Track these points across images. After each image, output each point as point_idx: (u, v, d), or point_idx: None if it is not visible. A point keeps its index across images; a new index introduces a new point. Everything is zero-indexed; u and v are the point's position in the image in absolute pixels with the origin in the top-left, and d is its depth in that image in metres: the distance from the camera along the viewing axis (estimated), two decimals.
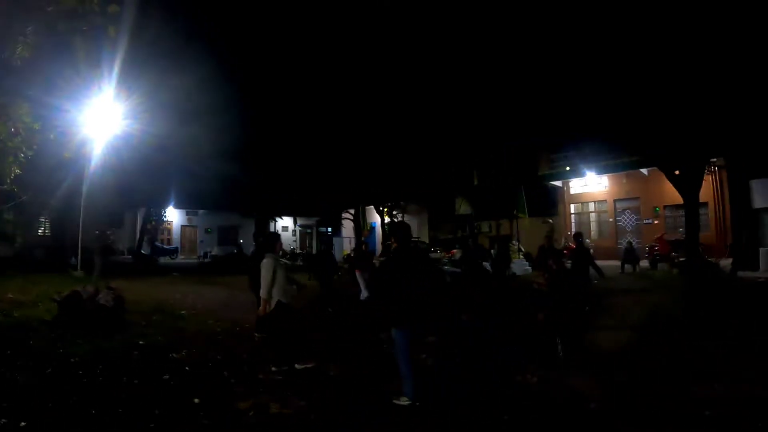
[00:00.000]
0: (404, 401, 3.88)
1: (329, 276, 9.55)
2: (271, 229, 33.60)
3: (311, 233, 37.04)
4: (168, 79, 15.03)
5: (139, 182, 18.66)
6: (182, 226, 27.49)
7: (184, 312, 8.61)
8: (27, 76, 6.83)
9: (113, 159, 13.15)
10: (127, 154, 13.88)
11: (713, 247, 15.21)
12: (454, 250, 18.58)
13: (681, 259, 13.53)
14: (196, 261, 25.29)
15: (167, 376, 4.70)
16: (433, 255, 19.06)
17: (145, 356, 5.38)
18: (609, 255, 16.82)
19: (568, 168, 19.88)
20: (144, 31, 11.60)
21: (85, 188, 11.25)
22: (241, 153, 24.94)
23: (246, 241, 29.89)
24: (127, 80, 11.86)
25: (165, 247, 24.81)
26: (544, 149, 20.66)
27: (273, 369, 4.93)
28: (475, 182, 23.08)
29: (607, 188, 19.74)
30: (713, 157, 14.48)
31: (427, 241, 23.75)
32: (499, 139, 19.76)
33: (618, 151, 17.30)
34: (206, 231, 28.55)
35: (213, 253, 26.02)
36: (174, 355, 5.57)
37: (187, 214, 28.28)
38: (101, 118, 11.51)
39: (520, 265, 15.03)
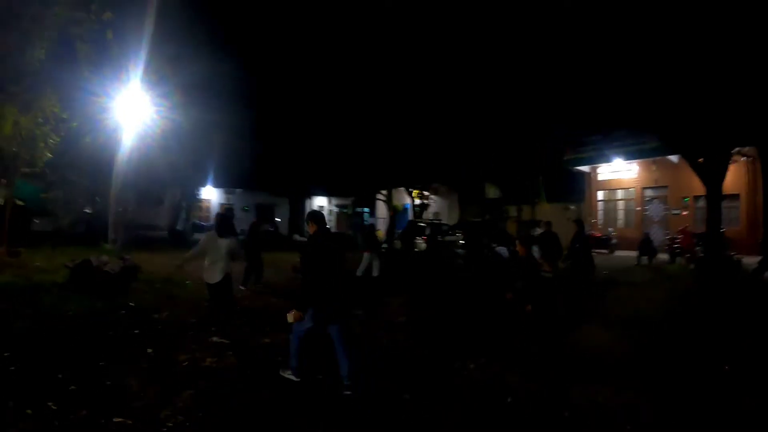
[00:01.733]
0: (289, 375, 4.24)
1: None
2: (307, 209, 35.07)
3: (350, 213, 37.93)
4: (201, 62, 16.05)
5: (176, 162, 20.05)
6: (220, 204, 29.12)
7: (189, 282, 9.50)
8: (50, 74, 7.82)
9: (148, 141, 14.36)
10: (160, 136, 15.08)
11: (743, 243, 14.49)
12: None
13: (702, 255, 13.08)
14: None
15: (137, 331, 5.52)
16: (450, 237, 19.38)
17: (130, 315, 6.26)
18: (633, 246, 16.40)
19: (592, 153, 19.32)
20: (171, 19, 12.51)
21: (116, 169, 12.41)
22: (277, 133, 26.15)
23: (283, 219, 31.48)
24: (160, 66, 12.91)
25: (203, 224, 26.48)
26: (568, 134, 20.13)
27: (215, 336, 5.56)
28: (491, 164, 22.85)
29: (636, 175, 19.06)
30: (739, 146, 13.70)
31: (448, 224, 23.88)
32: (523, 124, 19.50)
33: (642, 136, 16.68)
34: (243, 209, 30.06)
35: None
36: (155, 315, 6.44)
37: (225, 192, 29.91)
38: (132, 104, 12.48)
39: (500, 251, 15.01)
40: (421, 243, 19.89)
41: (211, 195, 29.46)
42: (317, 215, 4.40)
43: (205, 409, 3.60)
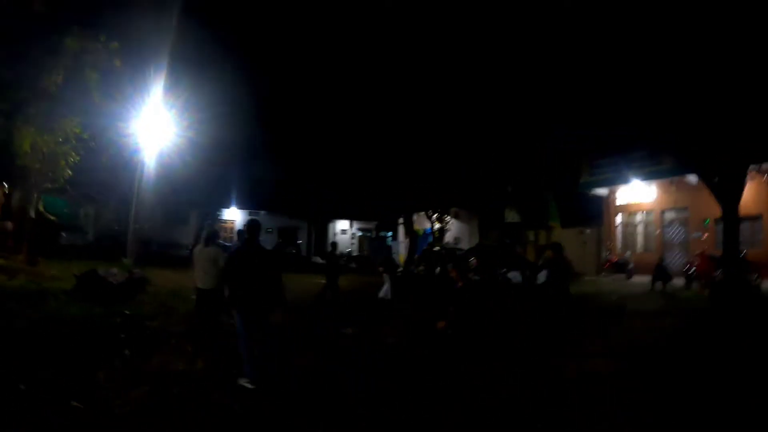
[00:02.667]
0: (245, 383, 4.41)
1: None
2: (329, 232, 35.76)
3: (371, 237, 38.35)
4: (226, 85, 16.97)
5: (198, 183, 21.01)
6: (247, 220, 30.04)
7: (194, 297, 9.92)
8: (68, 98, 8.56)
9: (171, 161, 15.18)
10: (182, 158, 15.91)
11: (767, 265, 13.84)
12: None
13: (720, 279, 12.59)
14: None
15: (123, 335, 5.86)
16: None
17: (124, 321, 6.62)
18: (652, 271, 15.89)
19: (608, 176, 19.00)
20: (192, 41, 13.34)
21: (136, 187, 13.14)
22: (300, 157, 27.11)
23: (304, 241, 32.25)
24: (184, 89, 13.73)
25: (226, 244, 27.36)
26: (582, 156, 19.94)
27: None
28: (509, 189, 22.83)
29: (655, 197, 18.57)
30: (755, 163, 13.25)
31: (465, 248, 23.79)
32: (535, 143, 19.54)
33: (657, 156, 16.38)
34: (266, 231, 30.87)
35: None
36: (148, 323, 6.78)
37: (249, 214, 30.82)
38: (153, 126, 13.17)
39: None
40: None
41: (235, 216, 30.43)
42: (251, 226, 4.85)
43: (156, 402, 3.85)
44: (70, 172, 9.96)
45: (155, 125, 13.06)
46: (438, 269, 16.71)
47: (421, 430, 3.70)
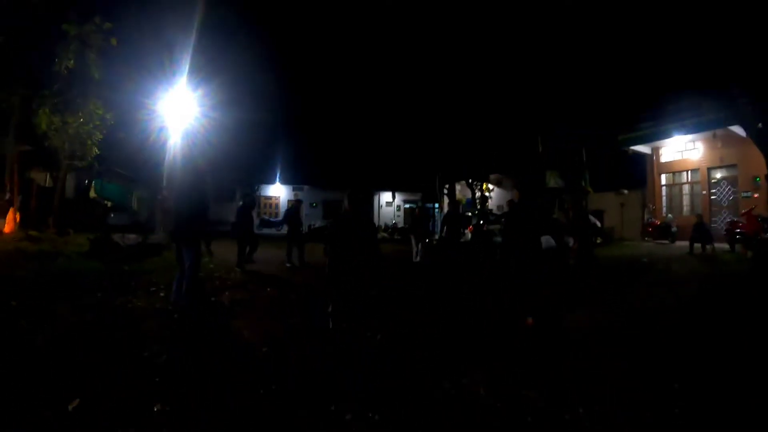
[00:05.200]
0: None
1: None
2: (375, 205, 36.48)
3: (415, 208, 38.60)
4: (260, 64, 17.64)
5: (242, 162, 22.33)
6: (288, 200, 31.42)
7: (208, 259, 10.77)
8: (80, 79, 9.60)
9: (212, 140, 16.23)
10: (222, 138, 16.96)
11: None
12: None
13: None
14: None
15: (107, 283, 6.73)
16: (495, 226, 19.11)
17: (121, 275, 7.54)
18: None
19: (648, 131, 17.56)
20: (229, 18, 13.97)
21: (167, 165, 14.29)
22: (343, 131, 27.87)
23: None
24: (217, 69, 14.51)
25: (271, 219, 28.78)
26: (619, 111, 18.51)
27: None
28: (540, 149, 21.78)
29: (700, 155, 17.01)
30: None
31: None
32: (570, 100, 18.46)
33: (699, 108, 14.94)
34: (311, 205, 32.03)
35: (316, 226, 29.32)
36: (143, 277, 7.64)
37: (293, 189, 32.12)
38: (188, 106, 13.91)
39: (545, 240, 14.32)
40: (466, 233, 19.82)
41: (279, 192, 31.84)
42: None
43: (108, 331, 4.55)
44: (97, 150, 11.14)
45: (190, 105, 13.80)
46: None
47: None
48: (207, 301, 6.17)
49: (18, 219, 10.96)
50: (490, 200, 29.62)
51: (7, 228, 10.59)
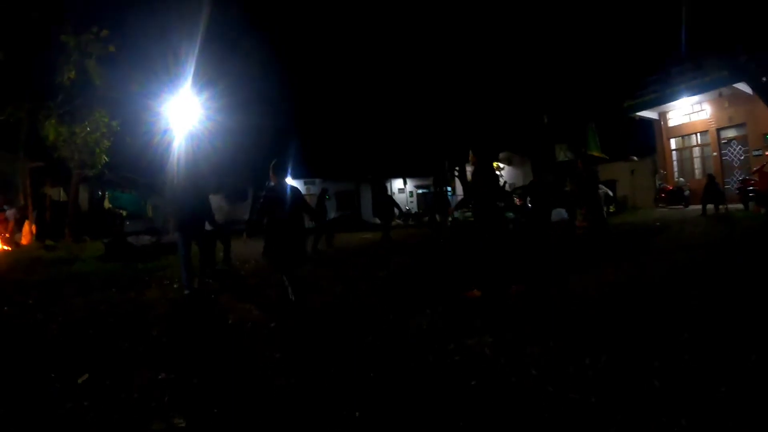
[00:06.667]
0: (185, 292, 5.51)
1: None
2: (388, 191, 36.54)
3: (430, 192, 38.65)
4: (266, 62, 17.70)
5: (252, 160, 22.52)
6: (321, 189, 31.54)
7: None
8: (81, 90, 9.77)
9: (217, 141, 16.37)
10: (230, 138, 17.08)
11: None
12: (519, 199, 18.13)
13: None
14: (312, 225, 29.05)
15: (117, 279, 6.92)
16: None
17: (135, 273, 7.73)
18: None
19: (653, 96, 17.28)
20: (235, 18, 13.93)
21: (174, 165, 14.42)
22: (353, 123, 28.04)
23: (365, 204, 33.39)
24: (224, 71, 14.56)
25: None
26: (622, 77, 18.29)
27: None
28: (545, 120, 21.61)
29: (708, 116, 16.70)
30: None
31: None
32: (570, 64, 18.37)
33: (702, 68, 14.67)
34: (326, 198, 32.13)
35: (331, 217, 29.52)
36: (147, 276, 7.83)
37: (305, 183, 32.25)
38: (193, 107, 13.96)
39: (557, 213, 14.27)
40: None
41: None
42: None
43: (109, 319, 4.72)
44: (106, 158, 11.35)
45: (196, 108, 13.87)
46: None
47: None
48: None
49: (34, 231, 11.29)
50: (501, 178, 29.60)
51: (24, 240, 10.93)
